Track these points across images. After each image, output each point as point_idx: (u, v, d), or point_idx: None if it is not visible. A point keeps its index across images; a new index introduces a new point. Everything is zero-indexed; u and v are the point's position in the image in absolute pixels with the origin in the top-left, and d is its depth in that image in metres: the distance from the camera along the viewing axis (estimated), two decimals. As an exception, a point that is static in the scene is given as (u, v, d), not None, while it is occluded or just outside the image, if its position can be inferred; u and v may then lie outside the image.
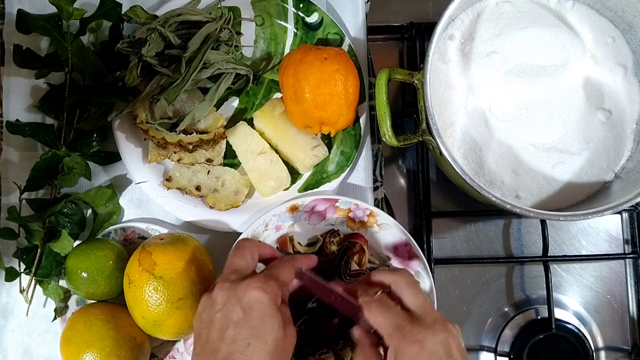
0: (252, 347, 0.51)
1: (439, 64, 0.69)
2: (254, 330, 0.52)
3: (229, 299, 0.53)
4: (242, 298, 0.53)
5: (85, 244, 0.71)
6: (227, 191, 0.74)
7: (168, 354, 0.74)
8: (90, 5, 0.74)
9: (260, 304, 0.52)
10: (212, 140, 0.73)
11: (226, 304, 0.53)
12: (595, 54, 0.69)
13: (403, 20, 0.82)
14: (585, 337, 0.76)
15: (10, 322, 0.75)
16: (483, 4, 0.70)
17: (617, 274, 0.81)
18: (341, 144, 0.76)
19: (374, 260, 0.74)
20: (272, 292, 0.53)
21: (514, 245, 0.81)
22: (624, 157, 0.69)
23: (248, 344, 0.51)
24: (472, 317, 0.80)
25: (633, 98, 0.69)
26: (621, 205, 0.62)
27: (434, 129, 0.62)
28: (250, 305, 0.52)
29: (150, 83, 0.72)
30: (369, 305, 0.56)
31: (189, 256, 0.67)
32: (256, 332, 0.52)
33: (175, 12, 0.73)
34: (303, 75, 0.70)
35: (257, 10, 0.77)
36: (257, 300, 0.52)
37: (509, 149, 0.67)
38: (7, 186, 0.76)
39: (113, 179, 0.77)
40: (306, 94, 0.70)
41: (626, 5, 0.68)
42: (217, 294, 0.54)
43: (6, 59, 0.76)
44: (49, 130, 0.73)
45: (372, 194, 0.78)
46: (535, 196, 0.68)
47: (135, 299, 0.66)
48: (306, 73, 0.70)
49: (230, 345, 0.52)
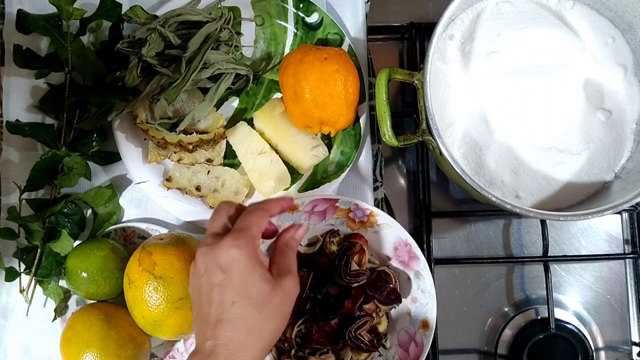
0: (237, 304, 0.52)
1: (439, 64, 0.69)
2: (236, 289, 0.53)
3: (208, 263, 0.54)
4: (219, 260, 0.53)
5: (85, 244, 0.71)
6: (227, 191, 0.74)
7: (168, 354, 0.74)
8: (90, 5, 0.74)
9: (237, 262, 0.53)
10: (212, 141, 0.73)
11: (207, 268, 0.54)
12: (595, 54, 0.69)
13: (403, 20, 0.82)
14: (585, 337, 0.76)
15: (10, 322, 0.75)
16: (483, 4, 0.70)
17: (617, 274, 0.81)
18: (341, 144, 0.76)
19: (374, 260, 0.74)
20: (246, 246, 0.53)
21: (514, 245, 0.81)
22: (624, 157, 0.69)
23: (233, 303, 0.52)
24: (472, 317, 0.80)
25: (633, 98, 0.69)
26: (621, 205, 0.61)
27: (434, 129, 0.62)
28: (228, 265, 0.53)
29: (150, 83, 0.72)
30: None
31: (189, 256, 0.67)
32: (239, 290, 0.53)
33: (175, 12, 0.73)
34: (303, 75, 0.70)
35: (257, 10, 0.77)
36: (234, 259, 0.53)
37: (509, 149, 0.67)
38: (7, 186, 0.76)
39: (113, 179, 0.77)
40: (306, 94, 0.70)
41: (626, 5, 0.68)
42: (198, 260, 0.55)
43: (6, 59, 0.76)
44: (49, 130, 0.73)
45: (372, 194, 0.78)
46: (535, 196, 0.68)
47: (135, 299, 0.66)
48: (306, 73, 0.70)
49: (218, 307, 0.53)
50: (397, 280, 0.72)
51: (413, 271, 0.72)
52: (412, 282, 0.73)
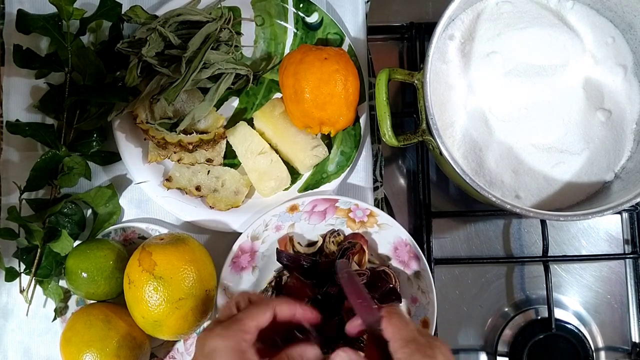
0: None
1: (439, 64, 0.69)
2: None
3: (197, 348, 0.54)
4: (204, 346, 0.53)
5: (85, 244, 0.71)
6: (227, 191, 0.74)
7: (168, 354, 0.74)
8: (90, 5, 0.74)
9: (218, 352, 0.52)
10: (212, 141, 0.73)
11: (196, 352, 0.54)
12: (595, 54, 0.69)
13: (403, 20, 0.82)
14: (585, 337, 0.76)
15: (10, 322, 0.75)
16: (483, 4, 0.70)
17: (617, 274, 0.81)
18: (341, 144, 0.76)
19: (374, 260, 0.74)
20: (232, 338, 0.52)
21: (514, 246, 0.81)
22: (624, 157, 0.69)
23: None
24: (472, 317, 0.80)
25: (633, 98, 0.69)
26: (621, 205, 0.61)
27: (434, 129, 0.62)
28: (209, 354, 0.52)
29: (150, 83, 0.72)
30: (391, 315, 0.55)
31: (189, 256, 0.67)
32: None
33: (175, 12, 0.73)
34: (303, 75, 0.70)
35: (257, 10, 0.77)
36: (215, 348, 0.52)
37: (509, 149, 0.67)
38: (7, 186, 0.76)
39: (113, 179, 0.77)
40: (306, 94, 0.70)
41: (626, 5, 0.68)
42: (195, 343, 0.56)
43: (6, 59, 0.76)
44: (49, 130, 0.73)
45: (372, 194, 0.78)
46: (535, 196, 0.68)
47: (135, 299, 0.66)
48: (306, 73, 0.70)
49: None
50: (397, 280, 0.72)
51: (413, 271, 0.72)
52: (412, 282, 0.73)
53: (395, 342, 0.53)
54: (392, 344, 0.53)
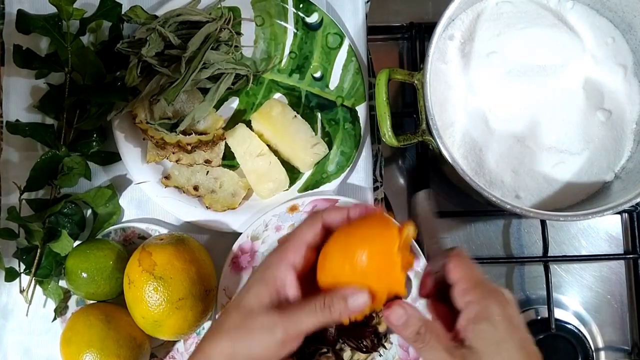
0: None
1: (439, 64, 0.69)
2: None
3: None
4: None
5: (85, 244, 0.71)
6: (224, 193, 0.74)
7: (168, 354, 0.74)
8: (90, 5, 0.74)
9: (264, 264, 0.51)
10: (210, 142, 0.73)
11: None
12: (595, 54, 0.69)
13: (403, 20, 0.82)
14: (585, 337, 0.76)
15: (10, 322, 0.75)
16: (483, 4, 0.70)
17: (617, 274, 0.81)
18: (341, 144, 0.76)
19: (374, 260, 0.74)
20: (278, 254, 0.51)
21: (514, 246, 0.81)
22: (624, 157, 0.69)
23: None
24: (472, 317, 0.79)
25: (633, 98, 0.69)
26: (621, 205, 0.62)
27: (434, 129, 0.62)
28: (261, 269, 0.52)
29: (150, 83, 0.72)
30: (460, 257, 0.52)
31: (189, 256, 0.67)
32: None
33: (175, 12, 0.73)
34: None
35: (257, 10, 0.77)
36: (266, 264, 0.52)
37: (509, 149, 0.67)
38: (7, 186, 0.76)
39: (113, 179, 0.77)
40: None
41: (626, 6, 0.68)
42: None
43: (6, 59, 0.76)
44: (49, 130, 0.73)
45: (372, 194, 0.77)
46: (535, 196, 0.68)
47: (135, 299, 0.66)
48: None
49: None
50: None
51: (413, 271, 0.72)
52: (412, 282, 0.73)
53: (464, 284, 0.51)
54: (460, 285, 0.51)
